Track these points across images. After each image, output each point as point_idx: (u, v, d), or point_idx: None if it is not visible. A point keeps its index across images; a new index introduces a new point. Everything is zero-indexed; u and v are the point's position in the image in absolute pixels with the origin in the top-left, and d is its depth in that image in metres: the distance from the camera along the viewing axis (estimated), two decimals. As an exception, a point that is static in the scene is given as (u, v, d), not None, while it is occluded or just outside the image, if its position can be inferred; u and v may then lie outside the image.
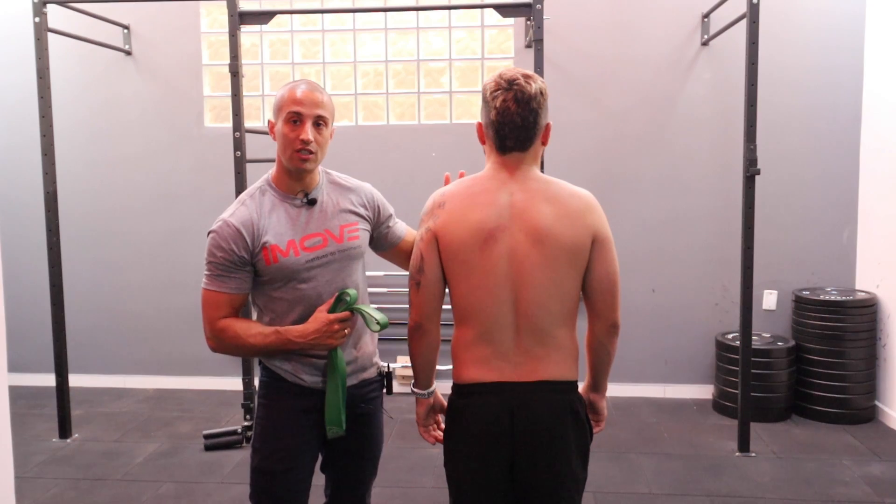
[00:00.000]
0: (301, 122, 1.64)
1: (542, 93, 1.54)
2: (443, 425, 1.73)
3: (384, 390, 1.91)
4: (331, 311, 1.69)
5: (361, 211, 1.80)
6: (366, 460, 1.89)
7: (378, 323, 1.69)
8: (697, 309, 4.27)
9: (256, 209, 1.68)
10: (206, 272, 1.68)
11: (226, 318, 1.68)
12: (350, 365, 1.77)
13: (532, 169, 1.59)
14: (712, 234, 4.21)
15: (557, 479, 1.54)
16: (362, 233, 1.79)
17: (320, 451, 1.84)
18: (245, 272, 1.68)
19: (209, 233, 1.68)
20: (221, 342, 1.69)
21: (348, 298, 1.69)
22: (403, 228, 1.94)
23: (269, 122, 1.72)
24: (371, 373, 1.86)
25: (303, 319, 1.69)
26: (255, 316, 1.80)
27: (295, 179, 1.71)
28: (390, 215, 1.89)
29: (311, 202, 1.72)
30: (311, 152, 1.65)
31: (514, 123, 1.52)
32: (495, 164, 1.59)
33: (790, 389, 3.90)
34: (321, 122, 1.67)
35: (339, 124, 4.41)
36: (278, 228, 1.67)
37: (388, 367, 1.93)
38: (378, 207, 1.85)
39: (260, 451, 1.76)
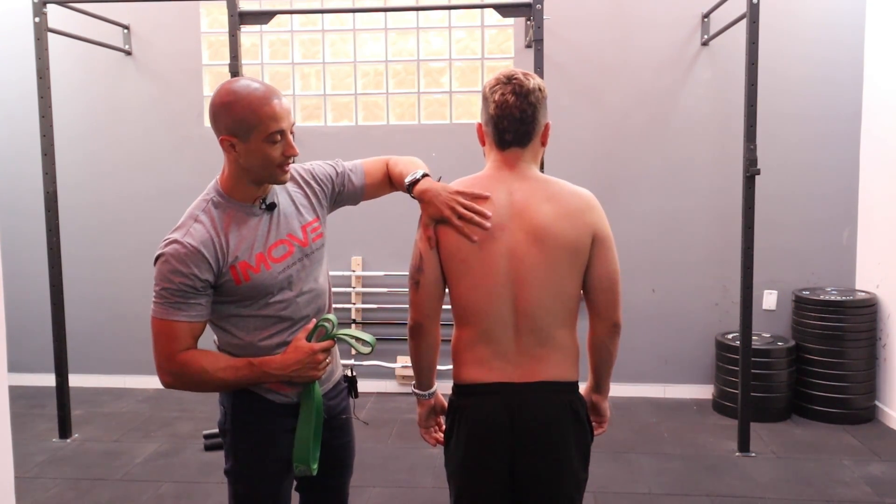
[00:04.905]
0: (283, 137, 1.50)
1: (540, 89, 1.54)
2: (444, 426, 1.73)
3: (351, 395, 1.83)
4: (308, 338, 1.57)
5: (314, 201, 1.69)
6: (347, 467, 1.84)
7: (368, 344, 1.59)
8: (697, 309, 4.27)
9: (213, 225, 1.51)
10: (156, 300, 1.49)
11: (187, 350, 1.50)
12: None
13: (531, 168, 1.59)
14: (712, 234, 4.21)
15: (558, 480, 1.54)
16: (323, 228, 1.70)
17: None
18: (206, 296, 1.51)
19: (159, 256, 1.49)
20: (182, 378, 1.51)
21: (329, 326, 1.59)
22: (360, 169, 1.79)
23: (223, 138, 1.48)
24: (339, 376, 1.79)
25: (277, 335, 1.59)
26: (214, 339, 1.65)
27: (257, 188, 1.56)
28: (342, 171, 1.75)
29: (270, 207, 1.59)
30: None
31: (513, 116, 1.52)
32: (494, 161, 1.59)
33: (790, 389, 3.90)
34: (291, 129, 1.54)
35: (339, 124, 4.41)
36: (243, 243, 1.53)
37: (353, 371, 1.85)
38: (330, 179, 1.73)
39: (244, 479, 1.65)
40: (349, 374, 1.83)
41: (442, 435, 1.72)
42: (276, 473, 1.65)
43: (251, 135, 1.47)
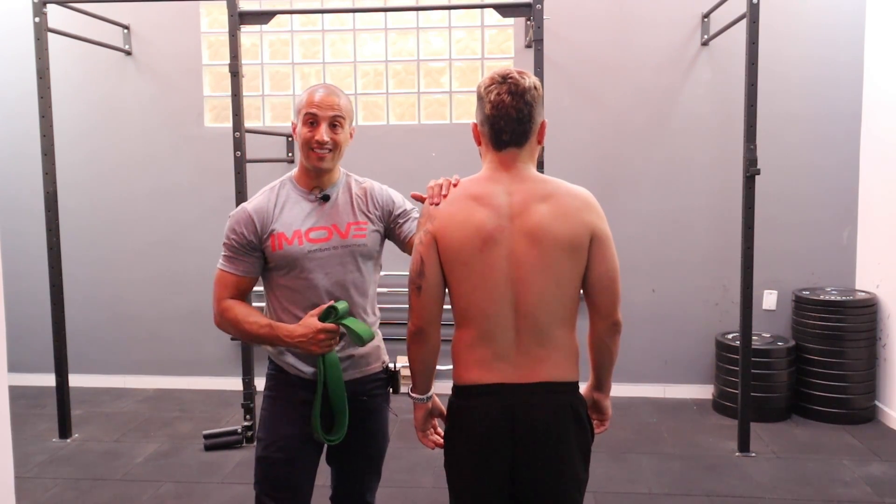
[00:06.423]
0: (317, 123, 1.75)
1: (535, 87, 1.54)
2: (440, 430, 1.73)
3: (390, 388, 1.93)
4: (321, 318, 1.72)
5: (374, 212, 1.86)
6: (365, 457, 1.90)
7: (360, 338, 1.72)
8: (697, 309, 4.27)
9: (273, 199, 1.80)
10: (222, 252, 1.80)
11: (231, 298, 1.78)
12: (351, 359, 1.82)
13: (529, 167, 1.58)
14: (712, 234, 4.21)
15: (559, 481, 1.54)
16: (371, 234, 1.83)
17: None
18: (254, 257, 1.78)
19: (229, 218, 1.81)
20: (223, 320, 1.79)
21: (336, 312, 1.72)
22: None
23: (292, 123, 1.83)
24: (375, 367, 1.88)
25: (305, 309, 1.76)
26: (265, 303, 1.88)
27: (314, 177, 1.80)
28: (403, 211, 1.91)
29: (325, 198, 1.81)
30: (327, 150, 1.75)
31: (510, 116, 1.52)
32: (492, 162, 1.59)
33: (790, 389, 3.90)
34: (337, 122, 1.77)
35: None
36: (288, 219, 1.78)
37: (396, 365, 1.93)
38: (389, 206, 1.89)
39: (263, 441, 1.82)
40: (392, 367, 1.93)
41: (438, 438, 1.73)
42: (288, 440, 1.80)
43: (298, 117, 1.79)
